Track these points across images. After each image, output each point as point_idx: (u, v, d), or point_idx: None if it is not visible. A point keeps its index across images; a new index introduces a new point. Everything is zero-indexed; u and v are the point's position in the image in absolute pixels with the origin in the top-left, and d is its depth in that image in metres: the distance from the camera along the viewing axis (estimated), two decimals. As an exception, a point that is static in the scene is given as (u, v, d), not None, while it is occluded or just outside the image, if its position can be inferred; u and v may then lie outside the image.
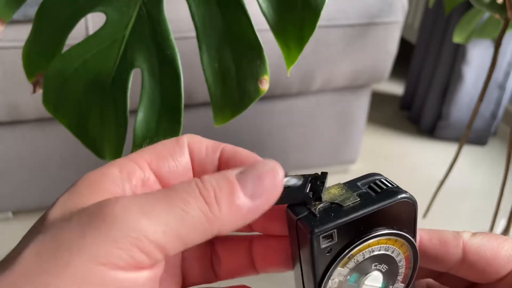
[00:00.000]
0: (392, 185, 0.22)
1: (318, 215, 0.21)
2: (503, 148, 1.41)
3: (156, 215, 0.16)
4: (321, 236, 0.21)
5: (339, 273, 0.22)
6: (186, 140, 0.22)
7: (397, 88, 1.71)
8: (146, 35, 0.36)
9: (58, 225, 0.17)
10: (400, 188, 0.22)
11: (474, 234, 0.24)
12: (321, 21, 0.31)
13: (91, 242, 0.16)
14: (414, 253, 0.23)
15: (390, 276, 0.24)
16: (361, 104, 1.14)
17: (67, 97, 0.38)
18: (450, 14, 1.27)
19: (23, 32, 0.49)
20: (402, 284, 0.24)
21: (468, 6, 1.13)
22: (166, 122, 0.37)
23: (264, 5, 0.33)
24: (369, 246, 0.22)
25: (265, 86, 0.35)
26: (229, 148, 0.23)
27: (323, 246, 0.21)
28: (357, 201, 0.21)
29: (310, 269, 0.22)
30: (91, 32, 0.79)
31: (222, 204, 0.18)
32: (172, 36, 0.36)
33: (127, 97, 0.37)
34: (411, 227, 0.23)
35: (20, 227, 1.05)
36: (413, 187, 1.31)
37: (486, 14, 0.79)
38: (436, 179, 1.09)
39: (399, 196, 0.22)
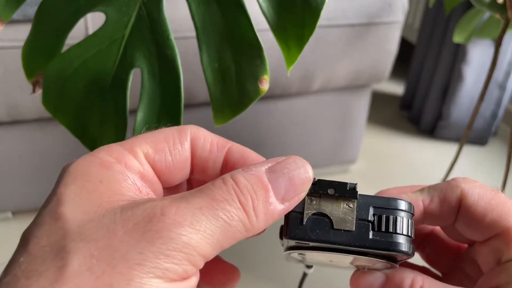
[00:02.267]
0: (402, 231, 0.20)
1: (304, 223, 0.20)
2: (504, 148, 1.40)
3: (204, 228, 0.17)
4: (294, 242, 0.21)
5: (307, 254, 0.22)
6: (190, 132, 0.21)
7: (397, 88, 1.71)
8: (146, 35, 0.36)
9: (99, 234, 0.16)
10: (407, 237, 0.20)
11: (478, 187, 0.23)
12: (321, 21, 0.31)
13: (150, 257, 0.16)
14: (394, 266, 0.23)
15: (360, 263, 0.24)
16: (361, 104, 1.14)
17: (66, 97, 0.38)
18: (450, 14, 1.27)
19: (22, 32, 0.49)
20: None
21: (468, 6, 1.13)
22: (166, 122, 0.37)
23: (264, 5, 0.33)
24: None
25: (265, 86, 0.35)
26: (236, 148, 0.22)
27: (294, 244, 0.21)
28: (350, 232, 0.20)
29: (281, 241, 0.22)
30: (91, 32, 0.79)
31: (258, 213, 0.18)
32: (172, 36, 0.36)
33: (127, 97, 0.37)
34: (401, 259, 0.22)
35: (20, 227, 1.05)
36: (413, 187, 1.28)
37: (486, 14, 0.79)
38: (436, 179, 1.09)
39: (395, 249, 0.20)
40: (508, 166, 0.72)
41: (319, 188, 0.20)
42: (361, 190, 0.21)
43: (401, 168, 1.31)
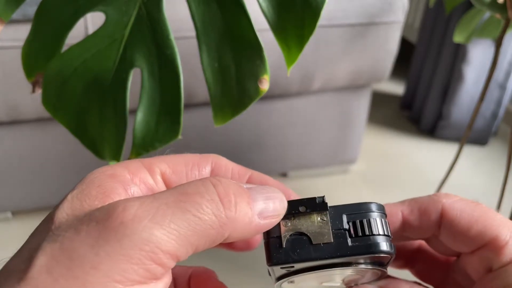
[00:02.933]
0: (378, 231, 0.20)
1: (284, 246, 0.20)
2: (504, 148, 1.40)
3: (168, 222, 0.15)
4: (279, 267, 0.20)
5: (297, 279, 0.22)
6: (211, 161, 0.21)
7: (397, 88, 1.71)
8: (146, 35, 0.36)
9: (67, 234, 0.16)
10: (384, 236, 0.21)
11: (459, 201, 0.23)
12: (321, 21, 0.31)
13: (105, 259, 0.15)
14: (383, 271, 0.23)
15: (353, 279, 0.24)
16: (361, 104, 1.14)
17: (66, 97, 0.38)
18: (451, 14, 1.27)
19: (22, 32, 0.49)
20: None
21: (469, 6, 1.13)
22: (166, 122, 0.37)
23: (264, 5, 0.33)
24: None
25: (265, 86, 0.35)
26: (256, 176, 0.22)
27: (281, 272, 0.21)
28: (329, 243, 0.20)
29: (269, 273, 0.22)
30: (90, 31, 0.79)
31: (238, 209, 0.17)
32: (172, 36, 0.36)
33: (127, 97, 0.37)
34: (386, 261, 0.22)
35: (20, 227, 1.05)
36: (413, 187, 1.32)
37: (487, 14, 0.79)
38: (436, 179, 1.09)
39: (375, 251, 0.20)
40: (508, 166, 0.72)
41: (290, 209, 0.20)
42: (361, 190, 0.21)
43: (401, 168, 1.31)
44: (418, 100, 1.47)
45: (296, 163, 1.17)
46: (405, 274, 0.27)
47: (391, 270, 0.25)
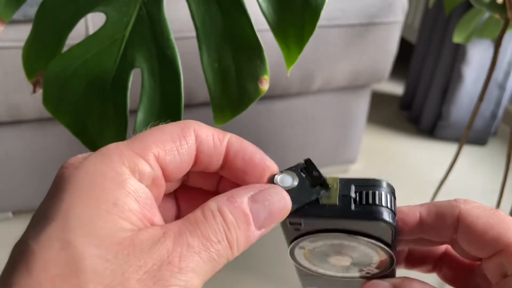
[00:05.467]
0: (382, 203, 0.22)
1: (293, 202, 0.22)
2: (503, 148, 1.41)
3: (201, 270, 0.19)
4: (288, 221, 0.22)
5: (306, 245, 0.24)
6: (193, 129, 0.22)
7: (397, 88, 1.71)
8: (146, 35, 0.36)
9: (115, 279, 0.17)
10: (388, 208, 0.22)
11: (477, 207, 0.23)
12: (321, 21, 0.31)
13: None
14: (390, 255, 0.24)
15: (361, 262, 0.24)
16: (361, 104, 1.14)
17: (67, 97, 0.38)
18: (450, 14, 1.27)
19: (23, 32, 0.49)
20: (377, 270, 0.25)
21: (468, 6, 1.13)
22: (166, 122, 0.37)
23: (264, 5, 0.33)
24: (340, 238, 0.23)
25: (265, 86, 0.35)
26: (234, 140, 0.23)
27: (290, 227, 0.23)
28: (334, 205, 0.22)
29: (284, 234, 0.24)
30: (91, 32, 0.79)
31: (239, 245, 0.20)
32: (172, 36, 0.36)
33: (127, 97, 0.37)
34: (389, 239, 0.23)
35: (20, 227, 1.05)
36: (413, 187, 1.31)
37: (486, 14, 0.79)
38: (436, 179, 1.09)
39: (376, 217, 0.21)
40: (508, 166, 0.72)
41: (307, 171, 0.23)
42: None
43: (401, 168, 1.31)
44: (418, 100, 1.47)
45: (296, 163, 1.17)
46: (422, 276, 0.27)
47: (415, 274, 0.26)
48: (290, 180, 0.22)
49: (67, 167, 0.20)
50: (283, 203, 0.21)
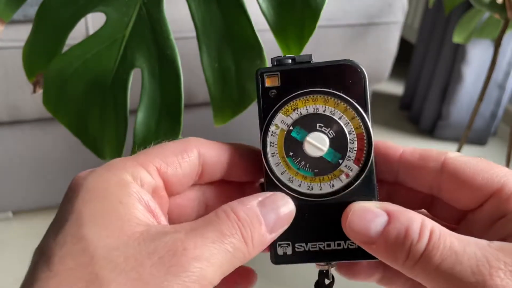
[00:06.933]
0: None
1: (272, 64, 0.25)
2: (503, 148, 1.41)
3: (216, 261, 0.19)
4: (265, 75, 0.25)
5: (281, 120, 0.25)
6: (194, 144, 0.24)
7: (397, 88, 1.71)
8: (146, 35, 0.36)
9: (129, 264, 0.18)
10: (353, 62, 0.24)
11: (464, 156, 0.23)
12: (321, 21, 0.31)
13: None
14: (367, 132, 0.24)
15: (338, 146, 0.24)
16: (361, 104, 1.14)
17: (67, 97, 0.38)
18: (450, 14, 1.27)
19: (23, 32, 0.49)
20: (357, 166, 0.24)
21: (468, 6, 1.13)
22: (166, 122, 0.37)
23: (264, 5, 0.33)
24: (314, 102, 0.24)
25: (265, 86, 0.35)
26: (234, 149, 0.26)
27: (267, 85, 0.25)
28: (308, 61, 0.24)
29: (258, 107, 0.26)
30: (91, 32, 0.79)
31: (255, 243, 0.21)
32: (172, 36, 0.36)
33: (127, 97, 0.37)
34: (362, 100, 0.24)
35: (21, 227, 1.05)
36: (413, 187, 1.29)
37: (486, 14, 0.79)
38: (436, 179, 1.09)
39: (341, 60, 0.24)
40: (508, 166, 0.72)
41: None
42: None
43: (401, 168, 1.31)
44: (418, 100, 1.47)
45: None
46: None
47: None
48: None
49: (76, 179, 0.21)
50: (289, 208, 0.23)
